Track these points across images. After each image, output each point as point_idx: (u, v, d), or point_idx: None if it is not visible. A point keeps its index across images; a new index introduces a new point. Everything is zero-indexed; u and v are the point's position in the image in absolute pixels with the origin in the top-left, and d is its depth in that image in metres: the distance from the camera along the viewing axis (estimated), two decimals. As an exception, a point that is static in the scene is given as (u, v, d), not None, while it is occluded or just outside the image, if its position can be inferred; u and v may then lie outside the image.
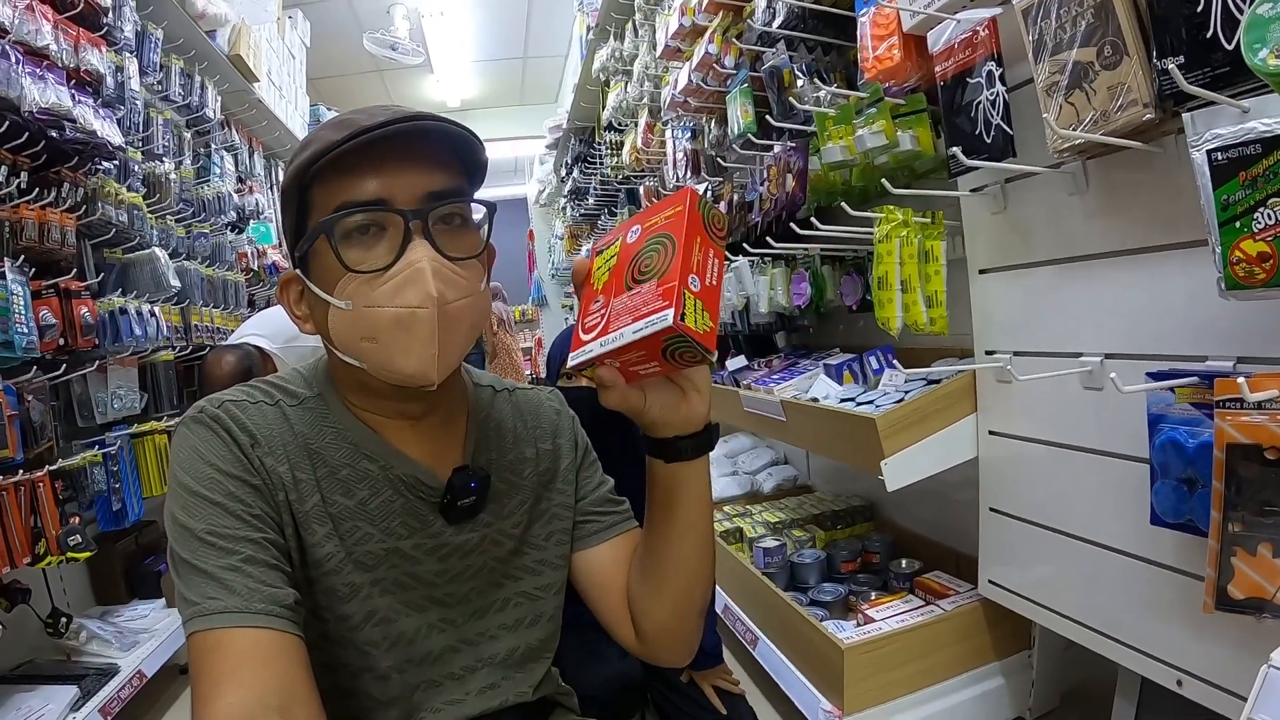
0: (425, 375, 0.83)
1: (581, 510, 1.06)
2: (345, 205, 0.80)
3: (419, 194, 0.82)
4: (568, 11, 5.47)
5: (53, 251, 2.49)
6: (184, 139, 3.76)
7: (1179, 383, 1.11)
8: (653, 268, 0.72)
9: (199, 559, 0.76)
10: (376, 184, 0.80)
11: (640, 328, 0.69)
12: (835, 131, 1.76)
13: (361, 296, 0.81)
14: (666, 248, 0.72)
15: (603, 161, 4.69)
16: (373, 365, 0.84)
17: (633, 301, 0.72)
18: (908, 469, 1.68)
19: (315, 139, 0.82)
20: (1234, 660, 1.15)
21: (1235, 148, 0.93)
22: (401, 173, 0.81)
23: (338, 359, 0.88)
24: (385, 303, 0.80)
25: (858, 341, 2.49)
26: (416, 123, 0.79)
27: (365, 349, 0.83)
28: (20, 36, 2.32)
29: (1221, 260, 0.96)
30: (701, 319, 0.70)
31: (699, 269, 0.72)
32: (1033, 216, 1.49)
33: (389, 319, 0.81)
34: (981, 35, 1.39)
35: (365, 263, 0.81)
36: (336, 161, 0.79)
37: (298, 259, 0.86)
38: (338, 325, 0.84)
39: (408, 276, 0.80)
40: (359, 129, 0.78)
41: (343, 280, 0.81)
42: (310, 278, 0.85)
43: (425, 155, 0.83)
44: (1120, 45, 1.10)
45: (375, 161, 0.80)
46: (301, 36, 5.55)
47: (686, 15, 2.59)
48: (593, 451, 1.12)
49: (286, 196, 0.86)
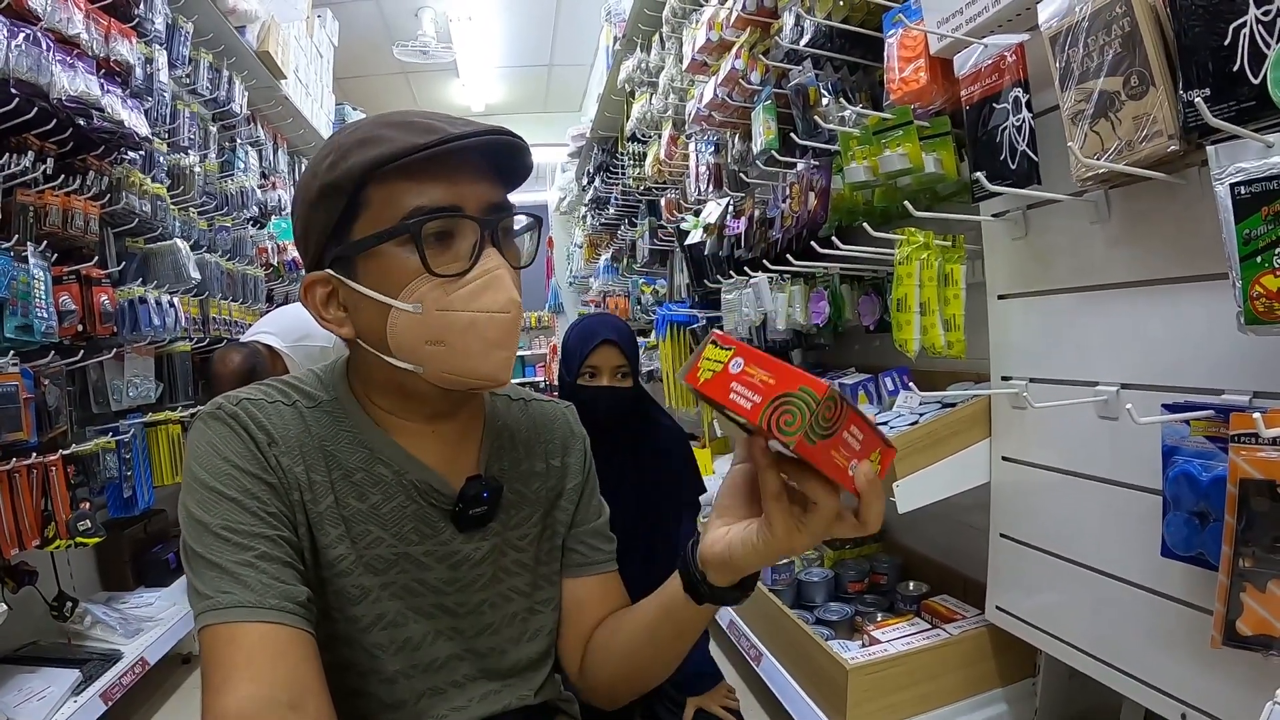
0: (498, 377, 0.86)
1: (575, 537, 1.06)
2: (422, 210, 0.81)
3: (484, 204, 0.84)
4: (595, 21, 5.50)
5: (75, 238, 2.52)
6: (210, 132, 3.81)
7: (1194, 415, 1.11)
8: None
9: (213, 553, 0.76)
10: (449, 192, 0.82)
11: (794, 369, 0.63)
12: (859, 151, 1.77)
13: (434, 300, 0.82)
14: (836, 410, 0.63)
15: (625, 172, 4.71)
16: (434, 369, 0.85)
17: None
18: (920, 492, 1.68)
19: (379, 138, 0.81)
20: (1240, 696, 1.13)
21: (1259, 182, 0.93)
22: (471, 182, 0.83)
23: (379, 362, 0.87)
24: (462, 307, 0.82)
25: (873, 361, 2.48)
26: (497, 138, 0.82)
27: (429, 353, 0.84)
28: (52, 24, 2.35)
29: (1242, 295, 0.95)
30: (819, 427, 0.62)
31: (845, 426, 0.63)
32: (1054, 243, 1.49)
33: (464, 323, 0.82)
34: (1009, 61, 1.39)
35: (443, 268, 0.82)
36: (405, 166, 0.79)
37: (333, 259, 0.85)
38: (400, 329, 0.83)
39: (487, 282, 0.83)
40: (447, 136, 0.79)
41: (414, 283, 0.82)
42: (358, 279, 0.84)
43: (488, 168, 0.85)
44: (1147, 76, 1.10)
45: (445, 170, 0.82)
46: (330, 36, 5.60)
47: (714, 30, 2.60)
48: (595, 476, 1.11)
49: (326, 194, 0.83)
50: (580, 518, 1.07)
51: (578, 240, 7.75)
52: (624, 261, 5.22)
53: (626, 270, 5.21)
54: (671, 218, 3.79)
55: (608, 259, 5.86)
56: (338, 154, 0.82)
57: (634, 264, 4.81)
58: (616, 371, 1.80)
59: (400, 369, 0.86)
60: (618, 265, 5.48)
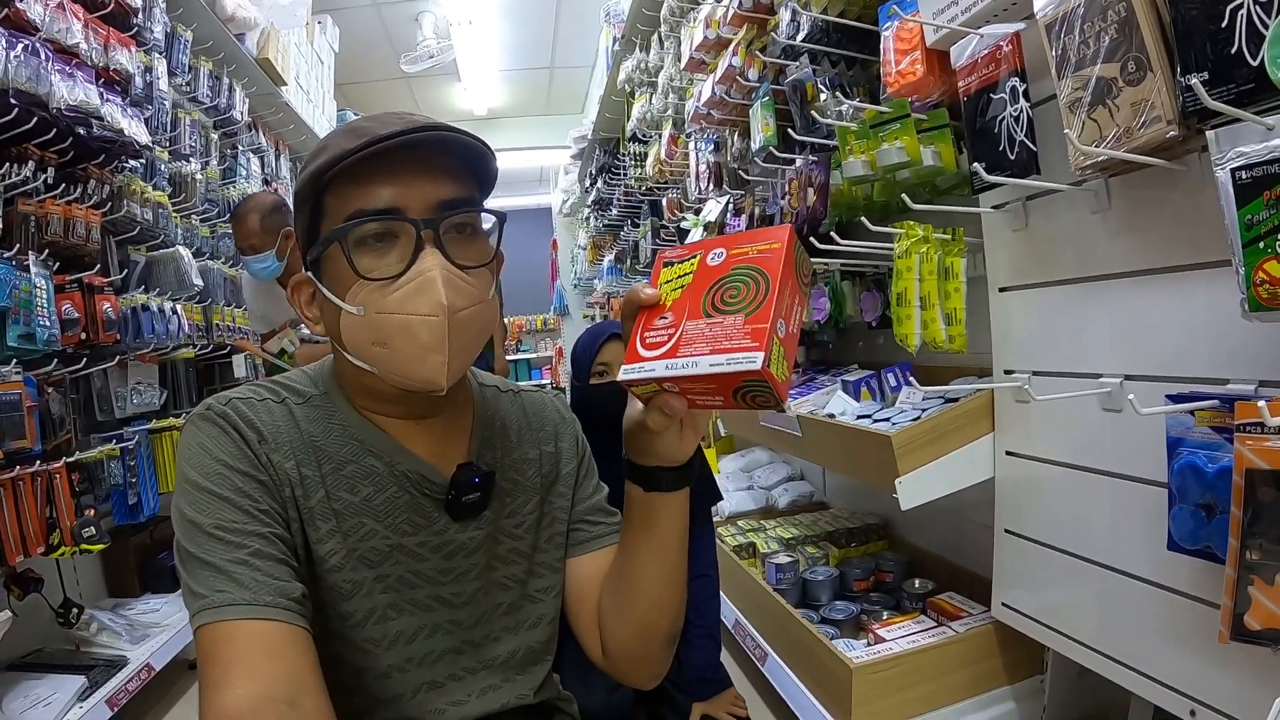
0: (434, 382, 0.85)
1: (575, 517, 1.06)
2: (358, 213, 0.82)
3: (431, 203, 0.84)
4: (595, 22, 5.50)
5: (77, 247, 2.53)
6: (211, 140, 3.82)
7: (1199, 406, 1.09)
8: (739, 300, 0.68)
9: (207, 553, 0.77)
10: (390, 192, 0.82)
11: (720, 362, 0.66)
12: (857, 146, 1.76)
13: (373, 303, 0.83)
14: (758, 283, 0.68)
15: (626, 172, 4.72)
16: (383, 370, 0.86)
17: (713, 331, 0.68)
18: (923, 488, 1.66)
19: (329, 146, 0.83)
20: (1248, 691, 1.12)
21: (1260, 166, 0.91)
22: (414, 182, 0.83)
23: (346, 361, 0.89)
24: (396, 309, 0.82)
25: (876, 358, 2.47)
26: (430, 133, 0.81)
27: (376, 354, 0.85)
28: (50, 34, 2.36)
29: (1245, 281, 0.94)
30: (781, 366, 0.67)
31: (786, 314, 0.68)
32: (1054, 234, 1.47)
33: (399, 325, 0.83)
34: (1005, 51, 1.37)
35: (377, 270, 0.83)
36: (350, 169, 0.81)
37: (309, 262, 0.88)
38: (349, 330, 0.86)
39: (419, 285, 0.82)
40: (373, 138, 0.79)
41: (355, 286, 0.83)
42: (323, 281, 0.87)
43: (438, 165, 0.85)
44: (1144, 61, 1.09)
45: (388, 170, 0.82)
46: (330, 42, 5.62)
47: (711, 28, 2.60)
48: (591, 458, 1.12)
49: (300, 201, 0.87)
50: (579, 497, 1.07)
51: (581, 242, 7.77)
52: (627, 262, 5.22)
53: (630, 271, 5.21)
54: (673, 217, 3.80)
55: (611, 260, 5.87)
56: (308, 163, 0.86)
57: (637, 264, 4.82)
58: None
59: (360, 368, 0.88)
60: (621, 266, 5.48)
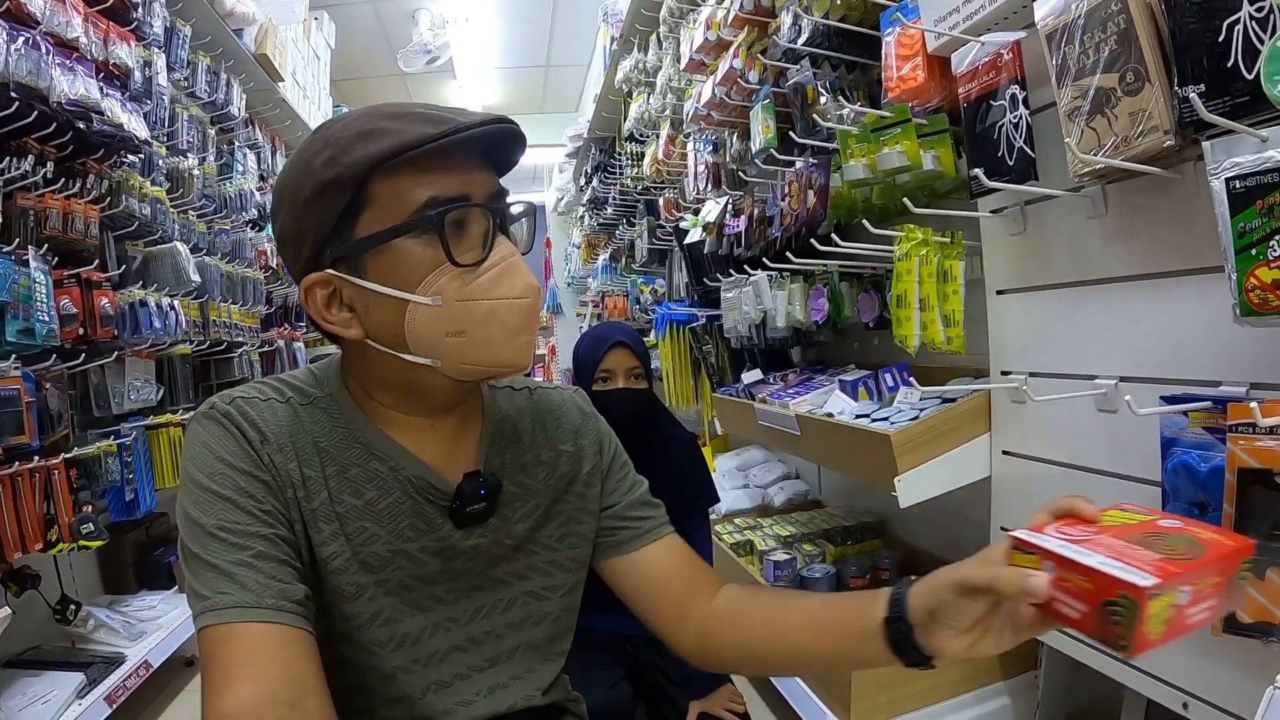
0: (518, 363, 0.86)
1: (616, 516, 1.05)
2: (435, 201, 0.81)
3: (489, 192, 0.85)
4: (591, 21, 5.50)
5: (76, 242, 2.52)
6: (208, 135, 3.81)
7: (1192, 407, 1.12)
8: (1166, 549, 0.68)
9: (210, 554, 0.77)
10: (461, 181, 0.83)
11: (1110, 565, 0.65)
12: (858, 149, 1.78)
13: (453, 291, 0.82)
14: (1191, 550, 0.68)
15: (622, 172, 4.72)
16: (455, 360, 0.84)
17: (1124, 549, 0.68)
18: (921, 486, 1.69)
19: (385, 130, 0.79)
20: (1241, 684, 1.14)
21: (1253, 176, 0.94)
22: (476, 172, 0.85)
23: (390, 360, 0.86)
24: (483, 295, 0.82)
25: (873, 358, 2.49)
26: (504, 127, 0.82)
27: (449, 345, 0.83)
28: (51, 28, 2.35)
29: (1237, 287, 0.97)
30: (1160, 618, 0.64)
31: (1196, 590, 0.66)
32: (1051, 239, 1.50)
33: (485, 311, 0.83)
34: (1006, 58, 1.40)
35: (462, 257, 0.82)
36: (414, 157, 0.79)
37: (332, 260, 0.84)
38: (419, 323, 0.83)
39: (504, 269, 0.83)
40: (459, 125, 0.79)
41: (432, 275, 0.81)
42: (366, 276, 0.83)
43: (489, 157, 0.87)
44: (1142, 72, 1.11)
45: (457, 159, 0.83)
46: (327, 38, 5.61)
47: (712, 30, 2.61)
48: (623, 454, 1.10)
49: (329, 190, 0.80)
50: (612, 496, 1.06)
51: (575, 241, 7.75)
52: (622, 261, 5.22)
53: (625, 270, 5.22)
54: (670, 217, 3.80)
55: (606, 259, 5.86)
56: (335, 149, 0.80)
57: (632, 264, 4.82)
58: (630, 373, 1.83)
59: (415, 364, 0.85)
60: (616, 265, 5.48)
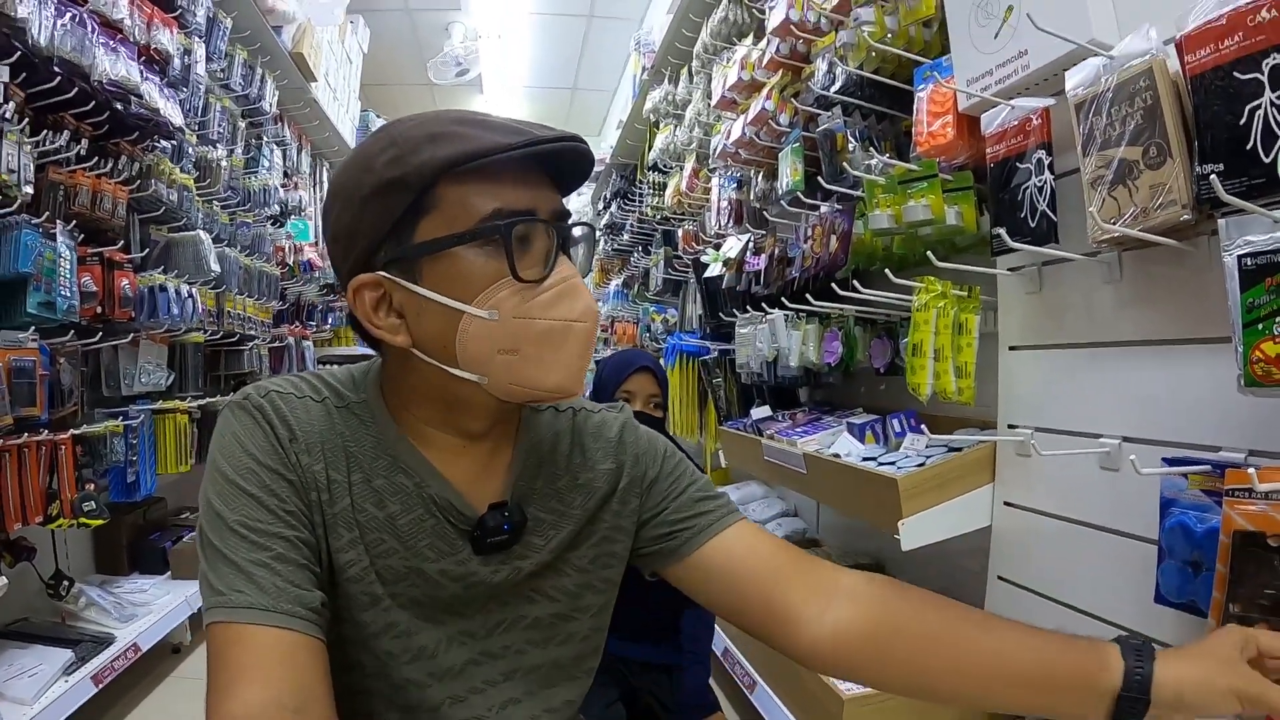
0: (568, 388, 0.83)
1: (666, 522, 0.99)
2: (502, 213, 0.78)
3: (552, 210, 0.83)
4: (622, 48, 5.59)
5: (102, 220, 2.55)
6: (239, 128, 3.87)
7: (1192, 469, 1.15)
8: None
9: (229, 549, 0.76)
10: (529, 195, 0.81)
11: None
12: (884, 200, 1.81)
13: (511, 307, 0.79)
14: None
15: (642, 200, 4.74)
16: (504, 379, 0.81)
17: None
18: (924, 531, 1.71)
19: (458, 135, 0.77)
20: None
21: (1264, 255, 0.97)
22: (542, 188, 0.83)
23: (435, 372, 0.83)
24: (540, 314, 0.79)
25: (880, 403, 2.51)
26: (578, 144, 0.81)
27: (500, 362, 0.80)
28: (97, 7, 2.39)
29: (1242, 359, 1.00)
30: None
31: None
32: (1066, 300, 1.53)
33: (541, 331, 0.80)
34: (1034, 123, 1.43)
35: (525, 273, 0.79)
36: (486, 166, 0.77)
37: (388, 260, 0.81)
38: (471, 336, 0.80)
39: (564, 289, 0.81)
40: (537, 138, 0.77)
41: (492, 288, 0.79)
42: (421, 283, 0.80)
43: (555, 175, 0.85)
44: (1165, 148, 1.14)
45: (527, 173, 0.81)
46: (361, 43, 5.69)
47: (746, 70, 2.66)
48: (676, 458, 1.05)
49: (392, 190, 0.78)
50: (661, 503, 1.00)
51: (589, 263, 7.77)
52: (635, 288, 5.24)
53: (638, 297, 5.23)
54: (689, 249, 3.81)
55: (619, 284, 5.88)
56: (401, 148, 0.78)
57: (646, 292, 4.83)
58: (650, 400, 1.85)
59: (460, 379, 0.82)
60: (628, 291, 5.50)
